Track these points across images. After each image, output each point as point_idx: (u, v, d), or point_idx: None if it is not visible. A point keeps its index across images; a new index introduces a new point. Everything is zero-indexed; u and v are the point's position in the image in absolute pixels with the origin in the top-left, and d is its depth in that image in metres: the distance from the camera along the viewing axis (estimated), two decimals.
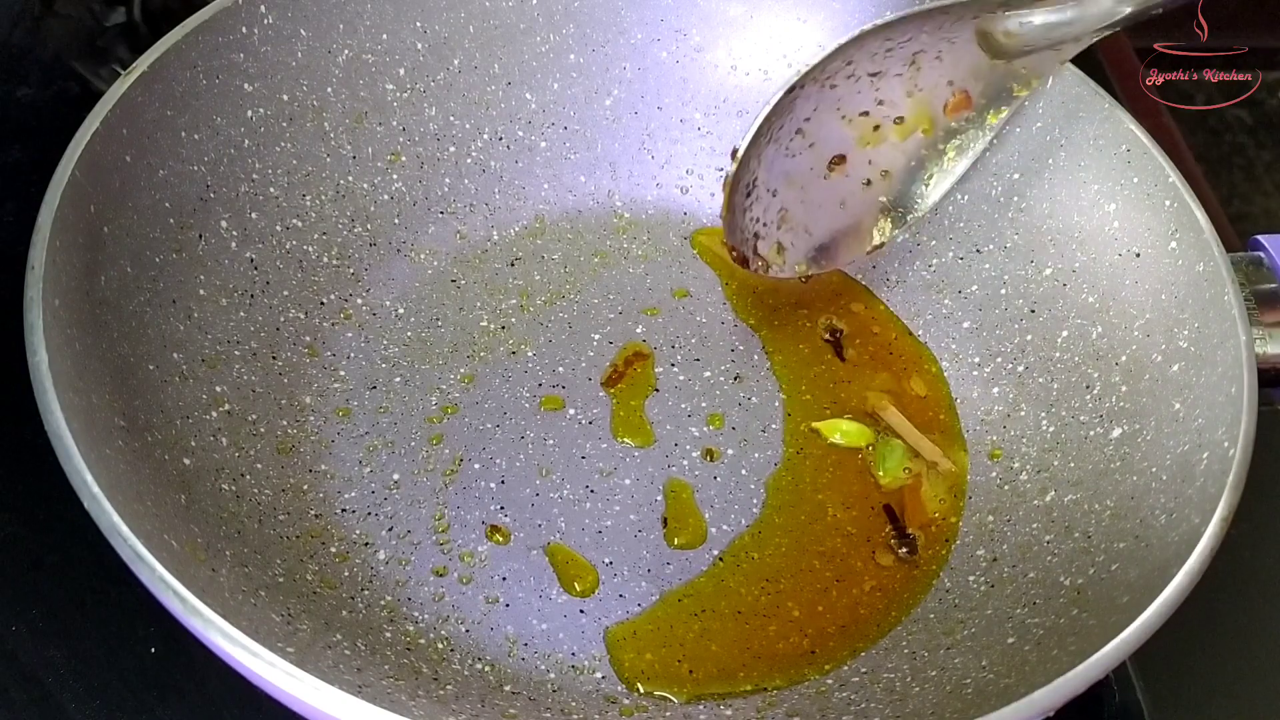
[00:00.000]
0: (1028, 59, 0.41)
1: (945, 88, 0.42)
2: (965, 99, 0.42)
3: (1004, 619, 0.37)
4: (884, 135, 0.43)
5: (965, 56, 0.40)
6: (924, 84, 0.41)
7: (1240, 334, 0.37)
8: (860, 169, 0.43)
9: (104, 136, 0.38)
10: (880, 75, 0.41)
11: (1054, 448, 0.42)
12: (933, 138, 0.43)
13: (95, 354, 0.35)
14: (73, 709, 0.37)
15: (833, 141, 0.42)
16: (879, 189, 0.44)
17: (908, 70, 0.41)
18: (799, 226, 0.44)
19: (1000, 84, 0.41)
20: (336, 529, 0.40)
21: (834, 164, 0.43)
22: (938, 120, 0.42)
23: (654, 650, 0.38)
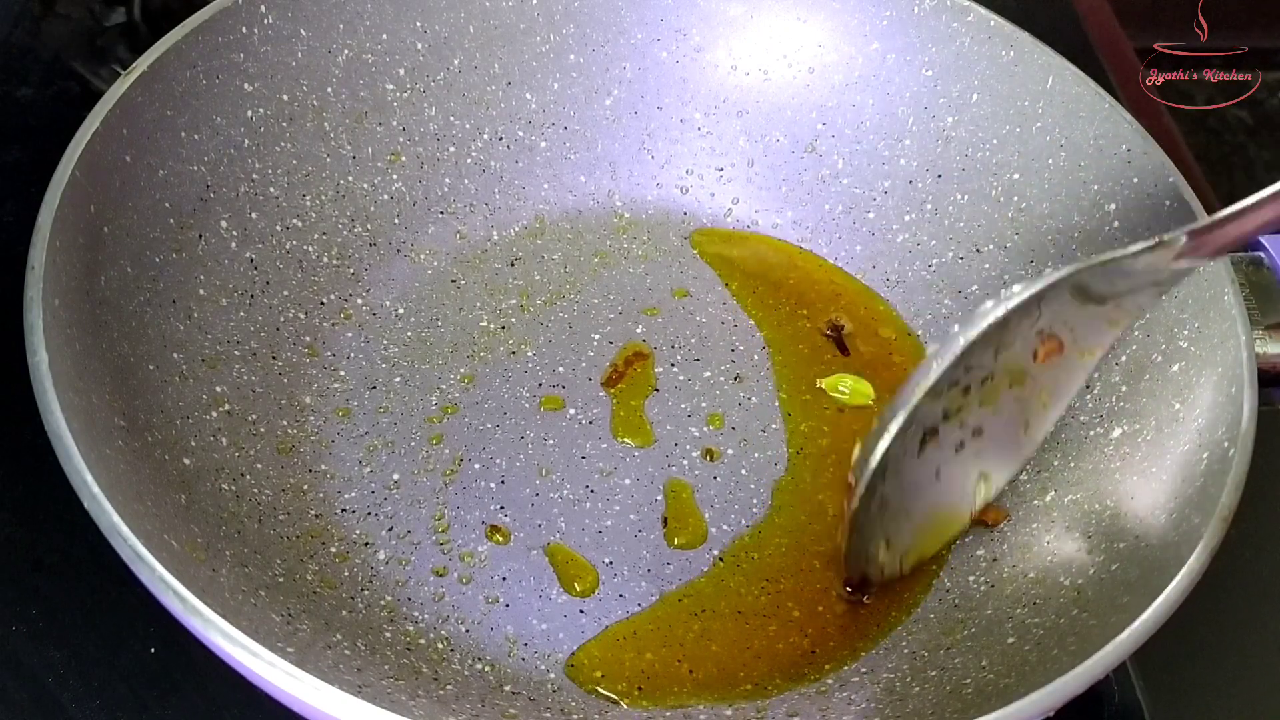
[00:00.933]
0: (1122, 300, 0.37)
1: (1035, 337, 0.37)
2: (1057, 345, 0.37)
3: (1004, 619, 0.37)
4: (973, 397, 0.38)
5: (1058, 308, 0.36)
6: (1014, 339, 0.37)
7: (1240, 334, 0.37)
8: (951, 435, 0.39)
9: (104, 136, 0.38)
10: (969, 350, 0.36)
11: (1054, 448, 0.42)
12: (1024, 386, 0.39)
13: (95, 354, 0.35)
14: (73, 709, 0.37)
15: (922, 419, 0.37)
16: (971, 449, 0.40)
17: (998, 334, 0.36)
18: (899, 511, 0.39)
19: (1094, 324, 0.37)
20: (336, 529, 0.40)
21: (925, 440, 0.38)
22: (1029, 370, 0.38)
23: (654, 650, 0.38)
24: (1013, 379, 0.38)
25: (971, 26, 0.47)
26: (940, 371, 0.36)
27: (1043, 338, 0.37)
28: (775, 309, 0.49)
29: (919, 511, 0.40)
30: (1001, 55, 0.47)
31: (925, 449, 0.38)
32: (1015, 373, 0.38)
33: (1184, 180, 0.41)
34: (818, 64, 0.51)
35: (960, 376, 0.37)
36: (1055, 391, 0.39)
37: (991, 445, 0.40)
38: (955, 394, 0.37)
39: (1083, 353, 0.38)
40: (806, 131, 0.52)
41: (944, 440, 0.38)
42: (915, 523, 0.40)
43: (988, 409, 0.39)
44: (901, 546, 0.40)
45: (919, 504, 0.40)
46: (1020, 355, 0.37)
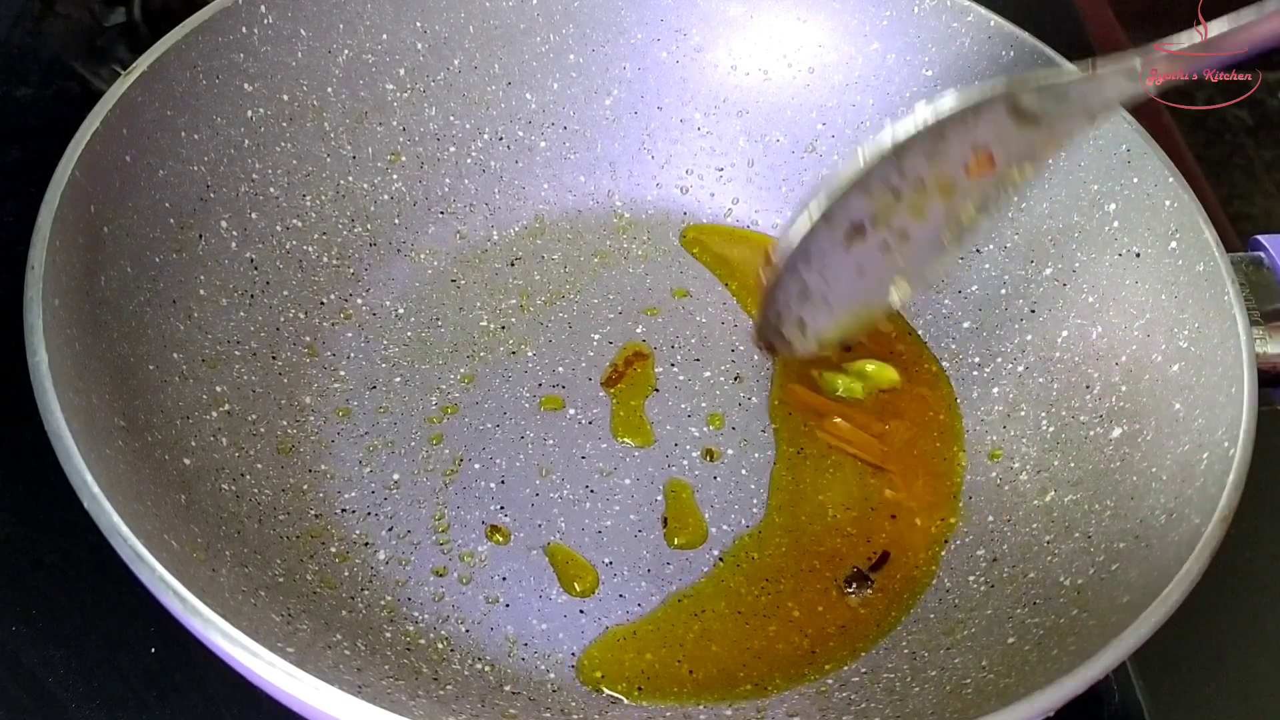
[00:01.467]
0: (1057, 125, 0.39)
1: (968, 151, 0.39)
2: (988, 160, 0.39)
3: (1004, 619, 0.37)
4: (903, 201, 0.40)
5: (992, 124, 0.39)
6: (948, 150, 0.39)
7: (1240, 334, 0.37)
8: (878, 234, 0.41)
9: (104, 136, 0.38)
10: (905, 152, 0.39)
11: (1054, 448, 0.42)
12: (954, 197, 0.41)
13: (95, 354, 0.35)
14: (73, 708, 0.37)
15: (851, 213, 0.40)
16: (897, 253, 0.42)
17: (933, 144, 0.39)
18: (818, 300, 0.43)
19: (1027, 145, 0.39)
20: (336, 529, 0.40)
21: (853, 234, 0.41)
22: (959, 182, 0.40)
23: (654, 650, 0.38)
24: (943, 190, 0.40)
25: (971, 26, 0.47)
26: (867, 165, 0.38)
27: (976, 152, 0.39)
28: None
29: (837, 303, 0.43)
30: (1001, 55, 0.47)
31: (853, 245, 0.41)
32: (946, 184, 0.40)
33: (1184, 180, 0.41)
34: (818, 64, 0.51)
35: (893, 179, 0.39)
36: (983, 207, 0.41)
37: (915, 251, 0.42)
38: (886, 196, 0.40)
39: (1014, 172, 0.40)
40: (806, 131, 0.52)
41: (870, 239, 0.41)
42: (833, 312, 0.43)
43: (915, 216, 0.41)
44: (815, 330, 0.44)
45: (838, 295, 0.43)
46: (953, 167, 0.39)
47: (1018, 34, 0.47)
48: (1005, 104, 0.38)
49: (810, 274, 0.41)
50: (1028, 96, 0.38)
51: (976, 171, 0.39)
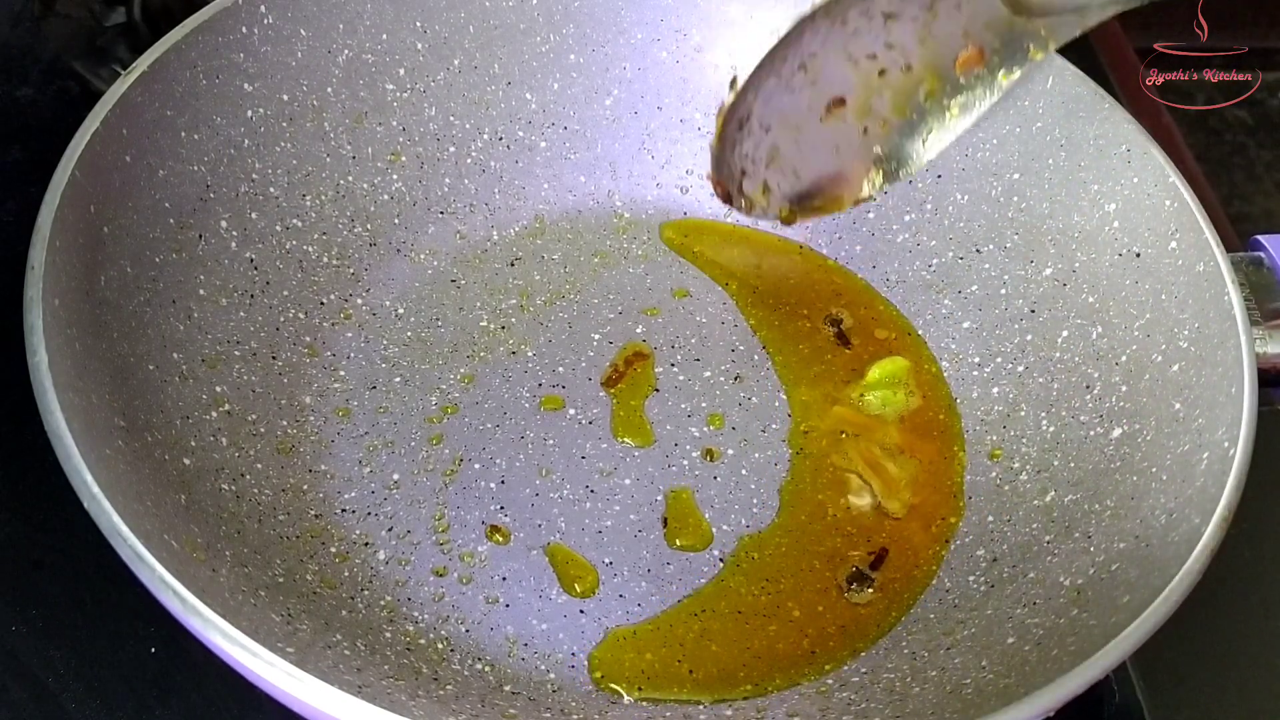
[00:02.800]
0: (1050, 19, 0.39)
1: (959, 39, 0.39)
2: (978, 54, 0.39)
3: (1004, 619, 0.37)
4: (889, 82, 0.40)
5: (985, 8, 0.38)
6: (938, 32, 0.39)
7: (1240, 334, 0.37)
8: (859, 114, 0.41)
9: (104, 136, 0.38)
10: (895, 17, 0.39)
11: (1054, 448, 0.42)
12: (939, 91, 0.41)
13: (95, 354, 0.35)
14: (73, 709, 0.37)
15: (835, 82, 0.40)
16: (875, 138, 0.42)
17: (924, 15, 0.39)
18: (788, 167, 0.43)
19: (1017, 42, 0.39)
20: (336, 529, 0.40)
21: (833, 106, 0.41)
22: (946, 73, 0.40)
23: (654, 650, 0.38)
24: (930, 79, 0.40)
25: None
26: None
27: (968, 41, 0.39)
28: (775, 309, 0.49)
29: (806, 173, 0.43)
30: None
31: (831, 118, 0.41)
32: (933, 73, 0.40)
33: (1184, 180, 0.41)
34: None
35: (879, 49, 0.39)
36: (966, 106, 0.41)
37: (895, 139, 0.42)
38: (870, 70, 0.40)
39: (1003, 72, 0.40)
40: None
41: (850, 116, 0.41)
42: (800, 182, 0.43)
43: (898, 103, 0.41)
44: (780, 196, 0.43)
45: (809, 167, 0.43)
46: (941, 55, 0.39)
47: None
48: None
49: (784, 137, 0.41)
50: None
51: (965, 65, 0.40)
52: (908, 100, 0.41)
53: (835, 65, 0.40)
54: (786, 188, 0.43)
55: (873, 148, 0.42)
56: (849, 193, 0.44)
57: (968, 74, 0.40)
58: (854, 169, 0.43)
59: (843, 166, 0.43)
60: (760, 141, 0.41)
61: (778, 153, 0.42)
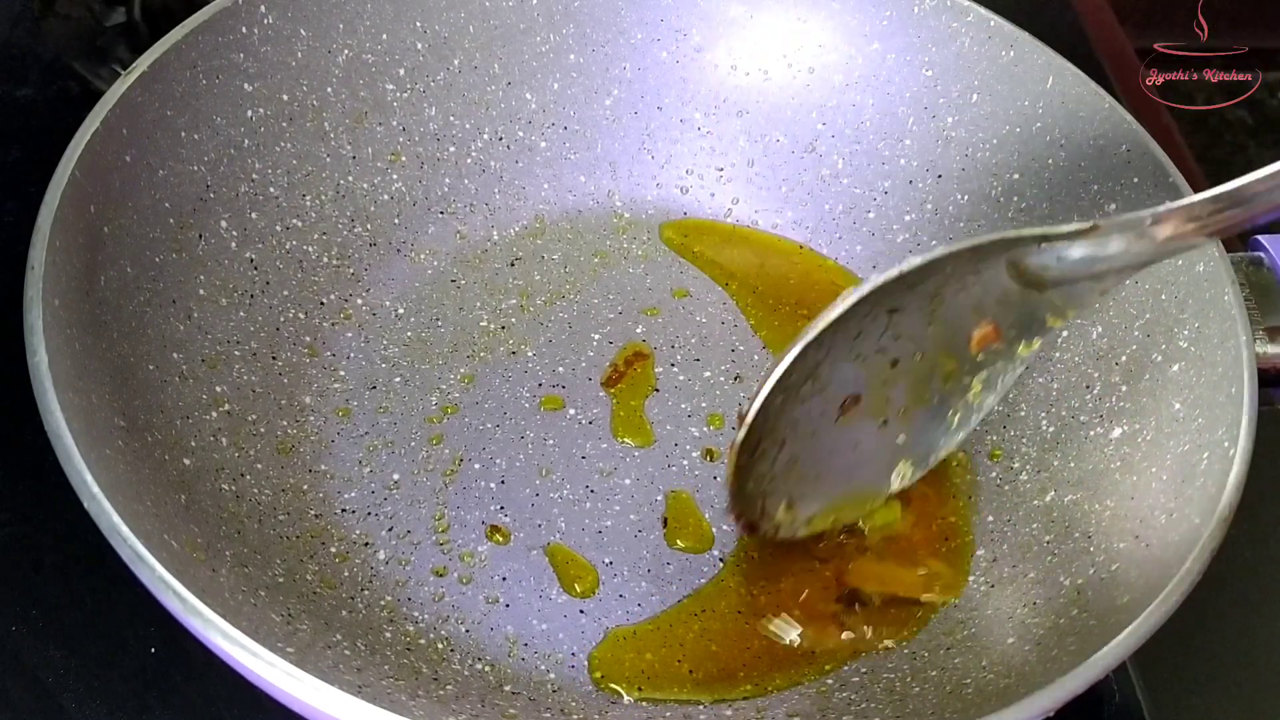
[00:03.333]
0: (1064, 289, 0.36)
1: (970, 318, 0.37)
2: (993, 331, 0.37)
3: (1004, 619, 0.37)
4: (901, 371, 0.37)
5: (994, 286, 0.36)
6: (947, 315, 0.36)
7: (1240, 334, 0.37)
8: (876, 408, 0.38)
9: (104, 136, 0.38)
10: (899, 311, 0.36)
11: (1054, 448, 0.42)
12: (956, 371, 0.38)
13: (95, 354, 0.35)
14: (73, 709, 0.37)
15: (846, 383, 0.37)
16: (896, 429, 0.39)
17: (929, 303, 0.36)
18: (810, 475, 0.39)
19: (1032, 314, 0.37)
20: (336, 529, 0.40)
21: (847, 406, 0.37)
22: (961, 353, 0.37)
23: (654, 650, 0.38)
24: (945, 362, 0.38)
25: (971, 26, 0.47)
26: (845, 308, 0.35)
27: (979, 322, 0.37)
28: (775, 309, 0.49)
29: (831, 480, 0.39)
30: (1001, 55, 0.47)
31: (848, 418, 0.37)
32: (948, 354, 0.37)
33: (1184, 180, 0.41)
34: (818, 64, 0.51)
35: (887, 342, 0.36)
36: (989, 384, 0.39)
37: (918, 429, 0.39)
38: (882, 363, 0.37)
39: (1022, 344, 0.38)
40: (806, 131, 0.52)
41: (866, 411, 0.38)
42: (826, 490, 0.39)
43: (916, 390, 0.38)
44: (807, 510, 0.39)
45: (833, 472, 0.39)
46: (955, 337, 0.37)
47: (1018, 34, 0.47)
48: (1006, 261, 0.35)
49: (800, 446, 0.38)
50: (1028, 256, 0.35)
51: (981, 343, 0.37)
52: (925, 385, 0.38)
53: (844, 367, 0.36)
54: (812, 497, 0.39)
55: (896, 439, 0.39)
56: (878, 489, 0.41)
57: (985, 351, 0.38)
58: (880, 464, 0.40)
59: (868, 463, 0.40)
60: (776, 458, 0.38)
61: (796, 464, 0.38)
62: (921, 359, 0.37)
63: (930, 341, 0.37)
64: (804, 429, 0.37)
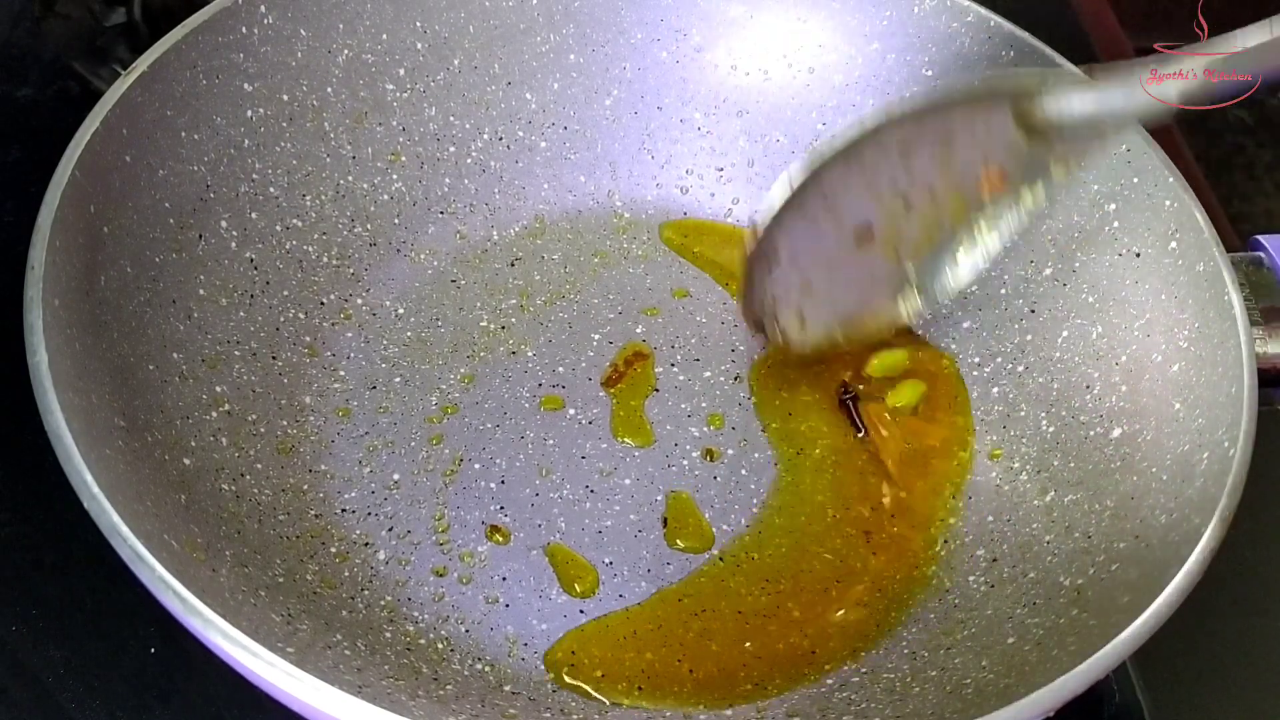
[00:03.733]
0: (1067, 142, 0.39)
1: (980, 164, 0.40)
2: (1001, 177, 0.40)
3: (1004, 619, 0.37)
4: (915, 209, 0.41)
5: (1002, 136, 0.39)
6: (958, 160, 0.39)
7: (1240, 334, 0.37)
8: (889, 242, 0.42)
9: (104, 136, 0.38)
10: (911, 152, 0.39)
11: (1054, 448, 0.42)
12: (966, 214, 0.41)
13: (95, 354, 0.35)
14: (72, 709, 0.37)
15: (861, 214, 0.40)
16: (908, 262, 0.43)
17: (940, 148, 0.39)
18: (822, 297, 0.43)
19: (1039, 164, 0.39)
20: (336, 529, 0.40)
21: (862, 237, 0.41)
22: (971, 197, 0.40)
23: (654, 650, 0.38)
24: (956, 205, 0.41)
25: (971, 27, 0.47)
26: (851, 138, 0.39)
27: (988, 167, 0.39)
28: None
29: (843, 303, 0.44)
30: (1001, 55, 0.47)
31: (861, 247, 0.41)
32: (959, 198, 0.40)
33: (1184, 180, 0.41)
34: (818, 64, 0.51)
35: (901, 181, 0.40)
36: (996, 226, 0.42)
37: (928, 265, 0.43)
38: (895, 201, 0.40)
39: (1026, 193, 0.40)
40: (806, 132, 0.52)
41: (880, 244, 0.42)
42: (837, 311, 0.44)
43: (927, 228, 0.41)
44: (816, 327, 0.44)
45: (844, 296, 0.43)
46: (964, 180, 0.40)
47: (1017, 34, 0.47)
48: (1010, 108, 0.38)
49: (814, 269, 0.41)
50: (1032, 105, 0.38)
51: (989, 188, 0.40)
52: (936, 226, 0.41)
53: (859, 198, 0.40)
54: (823, 317, 0.44)
55: (907, 273, 0.43)
56: (886, 319, 0.44)
57: (993, 196, 0.40)
58: (889, 296, 0.44)
59: (878, 294, 0.43)
60: (790, 276, 0.42)
61: (810, 284, 0.42)
62: (932, 199, 0.40)
63: (941, 183, 0.40)
64: (820, 252, 0.41)
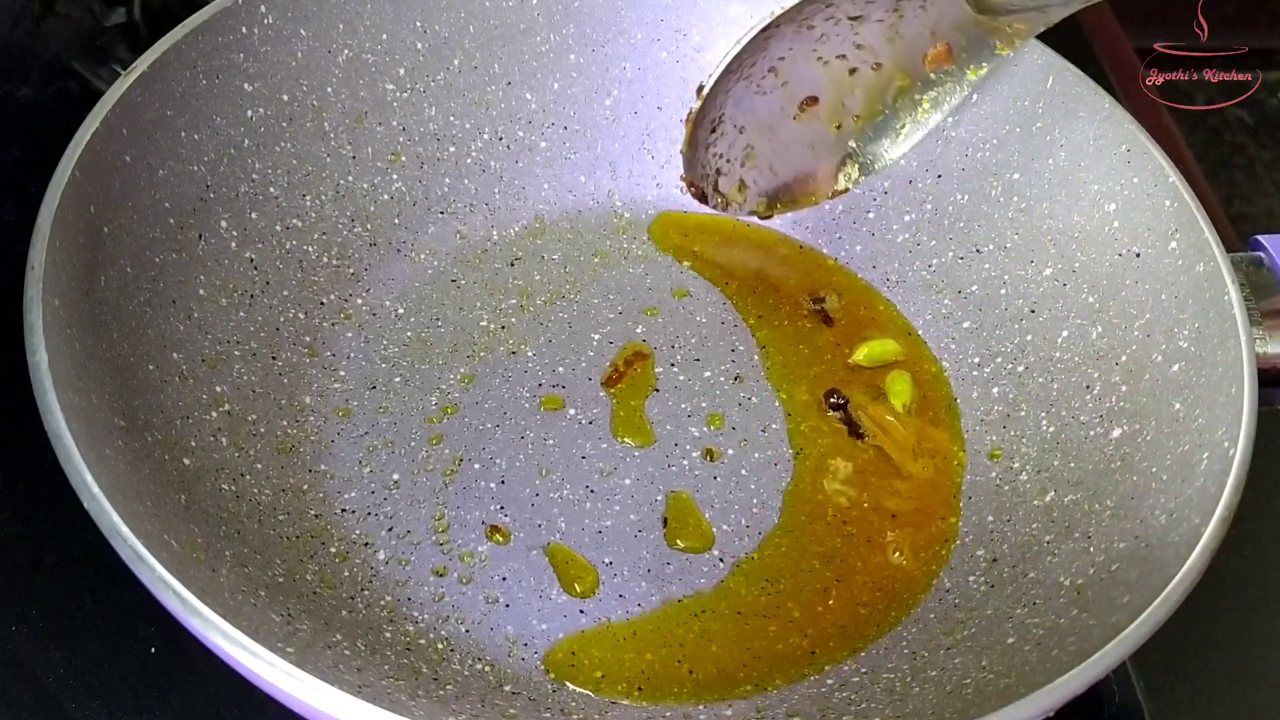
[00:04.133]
0: (1012, 17, 0.40)
1: (927, 37, 0.41)
2: (946, 51, 0.41)
3: (1004, 619, 0.37)
4: (859, 80, 0.42)
5: (950, 8, 0.40)
6: (905, 31, 0.41)
7: (1240, 334, 0.37)
8: (832, 112, 0.43)
9: (104, 136, 0.38)
10: (861, 20, 0.40)
11: (1054, 448, 0.42)
12: (909, 87, 0.43)
13: (95, 354, 0.35)
14: (73, 709, 0.37)
15: (806, 82, 0.42)
16: (849, 133, 0.44)
17: (890, 16, 0.40)
18: (764, 165, 0.45)
19: (983, 39, 0.41)
20: (336, 529, 0.40)
21: (805, 105, 0.43)
22: (916, 70, 0.42)
23: (654, 650, 0.38)
24: (900, 77, 0.42)
25: None
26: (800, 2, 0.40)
27: (935, 40, 0.41)
28: (775, 309, 0.49)
29: (783, 170, 0.45)
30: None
31: (805, 116, 0.43)
32: (902, 71, 0.42)
33: (1184, 180, 0.41)
34: None
35: (848, 50, 0.41)
36: (937, 101, 0.43)
37: (869, 134, 0.44)
38: (840, 70, 0.42)
39: (971, 67, 0.42)
40: None
41: (822, 114, 0.43)
42: (776, 178, 0.45)
43: (870, 99, 0.43)
44: (756, 192, 0.46)
45: (785, 163, 0.45)
46: (910, 53, 0.42)
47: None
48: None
49: (758, 137, 0.43)
50: None
51: (934, 62, 0.41)
52: (879, 97, 0.43)
53: (805, 66, 0.42)
54: (763, 184, 0.45)
55: (847, 143, 0.44)
56: (825, 187, 0.46)
57: (937, 70, 0.42)
58: (829, 164, 0.45)
59: (818, 162, 0.45)
60: (735, 142, 0.43)
61: (753, 152, 0.44)
62: (878, 71, 0.42)
63: (887, 55, 0.42)
64: (764, 120, 0.43)
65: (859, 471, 0.44)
